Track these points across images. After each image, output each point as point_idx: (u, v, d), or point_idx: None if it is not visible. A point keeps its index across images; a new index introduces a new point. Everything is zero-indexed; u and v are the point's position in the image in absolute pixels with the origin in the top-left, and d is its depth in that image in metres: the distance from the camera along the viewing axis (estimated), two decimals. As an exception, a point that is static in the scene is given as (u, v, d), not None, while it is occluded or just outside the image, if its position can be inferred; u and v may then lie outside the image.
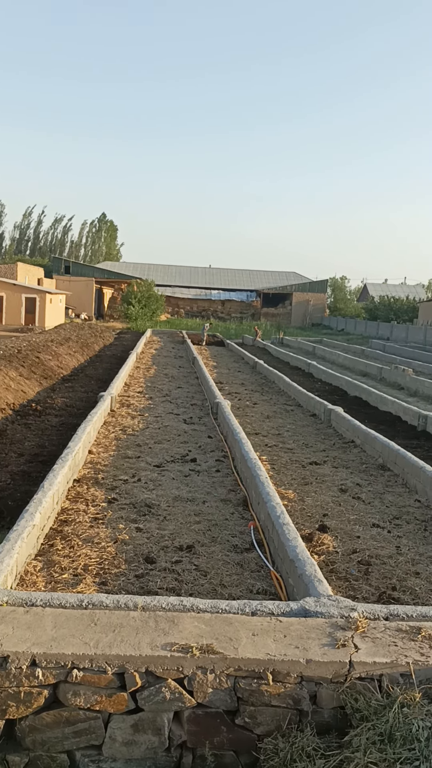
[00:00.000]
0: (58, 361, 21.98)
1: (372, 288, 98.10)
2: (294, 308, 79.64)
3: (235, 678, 3.73)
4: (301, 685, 3.74)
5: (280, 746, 3.57)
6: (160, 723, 3.72)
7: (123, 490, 8.67)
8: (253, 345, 41.54)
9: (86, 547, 6.64)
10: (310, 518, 8.09)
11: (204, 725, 3.74)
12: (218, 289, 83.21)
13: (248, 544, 7.08)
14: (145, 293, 61.24)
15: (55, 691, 3.71)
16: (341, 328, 70.98)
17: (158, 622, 4.09)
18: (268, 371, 23.60)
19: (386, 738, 3.34)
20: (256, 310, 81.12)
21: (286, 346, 43.87)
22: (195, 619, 4.18)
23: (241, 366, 27.67)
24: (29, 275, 60.29)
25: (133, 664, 3.69)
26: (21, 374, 17.49)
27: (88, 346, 29.88)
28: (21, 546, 5.82)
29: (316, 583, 5.24)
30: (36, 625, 3.94)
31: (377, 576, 6.40)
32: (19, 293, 47.26)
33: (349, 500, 8.89)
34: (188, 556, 6.62)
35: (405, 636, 4.08)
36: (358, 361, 30.63)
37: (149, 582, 5.90)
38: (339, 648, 3.86)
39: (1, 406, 13.71)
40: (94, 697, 3.67)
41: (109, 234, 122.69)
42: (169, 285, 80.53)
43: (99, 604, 4.53)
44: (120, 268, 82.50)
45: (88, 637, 3.83)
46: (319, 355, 36.40)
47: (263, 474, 8.58)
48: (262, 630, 4.06)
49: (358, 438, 12.51)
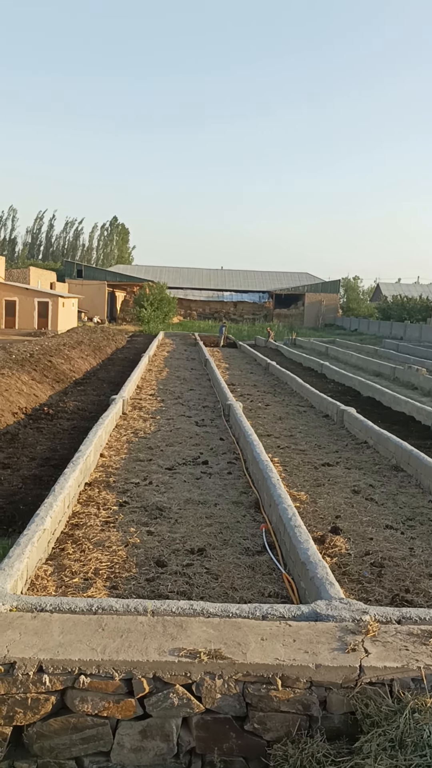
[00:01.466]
0: (71, 365, 22.03)
1: (385, 288, 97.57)
2: (307, 309, 79.40)
3: (244, 683, 3.68)
4: (311, 691, 3.69)
5: (289, 752, 3.52)
6: (169, 729, 3.68)
7: (134, 494, 8.65)
8: (265, 346, 41.47)
9: (97, 551, 6.62)
10: (323, 520, 8.03)
11: (213, 731, 3.69)
12: (230, 291, 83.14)
13: (260, 546, 7.03)
14: (157, 296, 61.28)
15: (63, 698, 3.69)
16: (354, 328, 70.67)
17: (166, 627, 4.06)
18: (280, 372, 23.53)
19: (397, 744, 3.28)
20: (269, 311, 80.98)
21: (299, 347, 43.77)
22: (203, 624, 4.13)
23: (253, 367, 27.62)
24: (42, 279, 60.57)
25: (141, 669, 3.65)
26: (33, 378, 17.53)
27: (100, 350, 29.94)
28: (31, 550, 5.81)
29: (328, 586, 5.18)
30: (43, 631, 3.92)
31: (390, 578, 6.33)
32: (32, 297, 47.46)
33: (362, 501, 8.82)
34: (199, 559, 6.58)
35: (416, 640, 4.02)
36: (371, 361, 30.48)
37: (160, 586, 5.87)
38: (349, 652, 3.81)
39: (13, 410, 13.75)
40: (102, 703, 3.64)
41: (120, 237, 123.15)
42: (181, 287, 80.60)
43: (109, 609, 4.51)
44: (132, 271, 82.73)
45: (95, 642, 3.80)
46: (332, 355, 36.26)
47: (275, 476, 8.53)
48: (271, 634, 4.01)
49: (371, 439, 12.43)
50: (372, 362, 30.07)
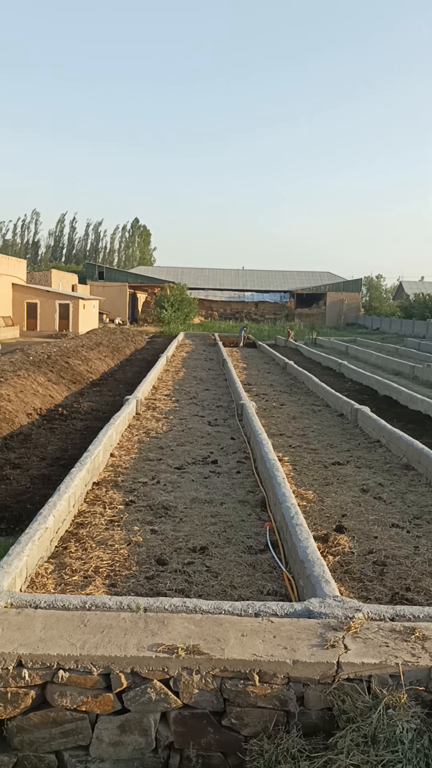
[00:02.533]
0: (88, 366, 22.18)
1: (407, 286, 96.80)
2: (328, 308, 79.11)
3: (222, 679, 3.69)
4: (288, 686, 3.69)
5: (265, 748, 3.53)
6: (147, 724, 3.71)
7: (141, 493, 8.69)
8: (285, 346, 41.37)
9: (99, 549, 6.67)
10: (329, 519, 7.99)
11: (190, 726, 3.71)
12: (251, 291, 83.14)
13: (263, 545, 7.02)
14: (177, 297, 61.48)
15: (43, 692, 3.73)
16: (376, 327, 70.24)
17: (148, 623, 4.08)
18: (297, 372, 23.46)
19: (370, 740, 3.28)
20: (290, 310, 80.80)
21: (319, 346, 43.60)
22: (185, 620, 4.15)
23: (271, 367, 27.57)
24: (63, 282, 61.10)
25: (119, 664, 3.68)
26: (49, 379, 17.69)
27: (119, 351, 30.10)
28: (32, 549, 5.87)
29: (323, 584, 5.17)
30: (26, 626, 3.97)
31: (392, 576, 6.29)
32: (53, 300, 47.91)
33: (369, 500, 8.77)
34: (201, 557, 6.59)
35: (398, 637, 3.99)
36: (390, 360, 30.26)
37: (159, 584, 5.89)
38: (328, 649, 3.80)
39: (27, 411, 13.88)
40: (81, 697, 3.68)
41: (142, 239, 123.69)
42: (202, 288, 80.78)
43: (102, 606, 4.54)
44: (153, 273, 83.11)
45: (75, 638, 3.84)
46: (352, 354, 36.06)
47: (281, 475, 8.52)
48: (252, 631, 4.02)
49: (383, 437, 12.35)
50: (392, 361, 29.86)
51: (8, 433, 11.97)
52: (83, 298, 50.08)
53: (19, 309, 47.59)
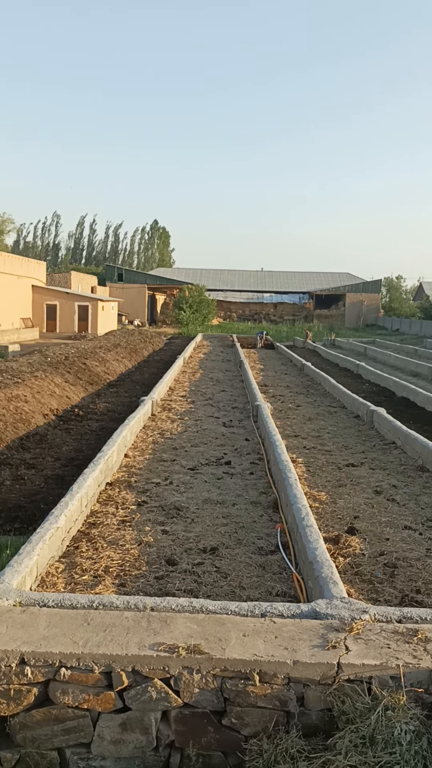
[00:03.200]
0: (105, 367, 22.29)
1: (428, 287, 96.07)
2: (347, 309, 78.78)
3: (222, 678, 3.71)
4: (289, 687, 3.69)
5: (264, 747, 3.53)
6: (148, 722, 3.73)
7: (154, 493, 8.73)
8: (303, 347, 41.28)
9: (110, 549, 6.71)
10: (341, 520, 7.97)
11: (191, 725, 3.73)
12: (270, 292, 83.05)
13: (273, 546, 7.02)
14: (196, 298, 61.58)
15: (46, 689, 3.77)
16: (396, 328, 69.83)
17: (150, 622, 4.10)
18: (314, 373, 23.40)
19: (368, 741, 3.27)
20: (309, 312, 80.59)
21: (337, 347, 43.44)
22: (188, 620, 4.17)
23: (288, 368, 27.52)
24: (82, 283, 61.46)
25: (120, 663, 3.71)
26: (66, 380, 17.81)
27: (136, 352, 30.22)
28: (42, 548, 5.91)
29: (331, 585, 5.16)
30: (30, 624, 4.01)
31: (403, 579, 6.26)
32: (72, 301, 48.23)
33: (383, 502, 8.73)
34: (211, 558, 6.60)
35: (400, 638, 3.98)
36: (409, 361, 30.05)
37: (168, 584, 5.91)
38: (329, 649, 3.79)
39: (44, 411, 13.99)
40: (82, 695, 3.71)
41: (161, 240, 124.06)
42: (221, 289, 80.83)
43: (109, 605, 4.58)
44: (172, 274, 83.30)
45: (78, 636, 3.87)
46: (370, 356, 35.88)
47: (293, 476, 8.51)
48: (253, 631, 4.02)
49: (399, 439, 12.28)
50: (410, 362, 29.65)
51: (24, 434, 12.07)
52: (102, 300, 50.36)
53: (38, 310, 47.98)
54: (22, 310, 46.47)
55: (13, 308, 44.58)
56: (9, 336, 39.94)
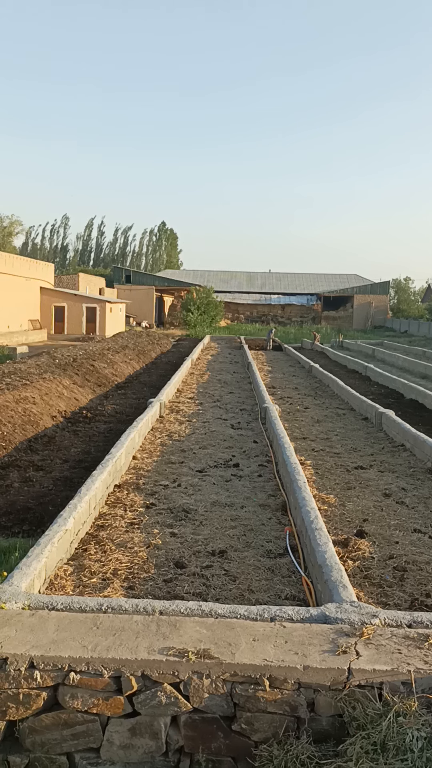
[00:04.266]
0: (113, 369, 22.30)
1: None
2: (355, 311, 78.64)
3: (232, 683, 3.68)
4: (299, 692, 3.66)
5: (274, 753, 3.50)
6: (157, 727, 3.70)
7: (162, 496, 8.71)
8: (311, 349, 41.21)
9: (119, 551, 6.69)
10: (350, 523, 7.93)
11: (200, 730, 3.70)
12: (278, 294, 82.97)
13: (282, 549, 6.99)
14: (204, 300, 61.62)
15: (55, 694, 3.75)
16: (404, 329, 69.64)
17: (160, 627, 4.08)
18: (322, 375, 23.35)
19: (379, 748, 3.23)
20: (317, 313, 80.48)
21: (346, 349, 43.36)
22: (197, 624, 4.14)
23: (296, 370, 27.48)
24: (90, 285, 61.57)
25: (129, 667, 3.69)
26: (75, 382, 17.83)
27: (144, 354, 30.23)
28: (51, 551, 5.91)
29: (341, 589, 5.13)
30: (39, 628, 3.99)
31: (412, 582, 6.22)
32: (80, 303, 48.33)
33: (392, 505, 8.68)
34: (219, 561, 6.58)
35: (411, 643, 3.94)
36: (418, 363, 29.94)
37: (176, 587, 5.89)
38: (339, 654, 3.76)
39: (52, 413, 14.01)
40: (92, 700, 3.69)
41: (169, 242, 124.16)
42: (228, 291, 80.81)
43: (118, 608, 4.56)
44: (180, 276, 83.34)
45: (87, 640, 3.85)
46: (379, 357, 35.79)
47: (302, 478, 8.48)
48: (263, 635, 4.00)
49: (407, 441, 12.22)
50: (419, 364, 29.55)
51: (33, 435, 12.09)
52: (110, 302, 50.46)
53: (46, 312, 48.11)
54: (31, 311, 46.59)
55: (21, 310, 44.71)
56: (17, 338, 40.05)
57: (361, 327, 75.83)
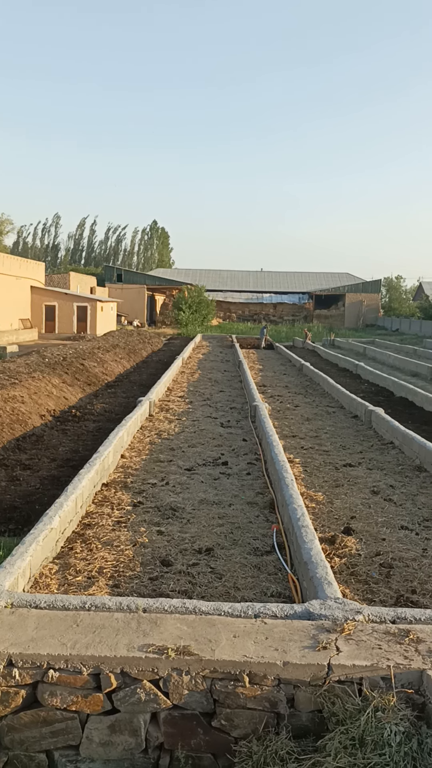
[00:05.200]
0: (103, 368, 22.25)
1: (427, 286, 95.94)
2: (347, 309, 78.77)
3: (212, 680, 3.67)
4: (279, 688, 3.66)
5: (253, 749, 3.50)
6: (137, 724, 3.69)
7: (150, 494, 8.69)
8: (302, 347, 41.24)
9: (105, 550, 6.67)
10: (337, 520, 7.94)
11: (180, 727, 3.69)
12: (270, 293, 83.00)
13: (269, 547, 6.99)
14: (195, 299, 61.51)
15: (34, 691, 3.73)
16: (396, 328, 69.80)
17: (140, 624, 4.07)
18: (313, 373, 23.37)
19: (358, 742, 3.23)
20: (309, 312, 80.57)
21: (337, 347, 43.42)
22: (178, 621, 4.13)
23: (287, 369, 27.49)
24: (82, 284, 61.41)
25: (108, 665, 3.67)
26: (64, 381, 17.77)
27: (135, 353, 30.18)
28: (36, 549, 5.88)
29: (326, 586, 5.13)
30: (18, 626, 3.97)
31: (398, 579, 6.23)
32: (71, 302, 48.19)
33: (379, 502, 8.69)
34: (206, 558, 6.57)
35: (392, 639, 3.94)
36: (408, 361, 30.01)
37: (162, 585, 5.88)
38: (319, 650, 3.76)
39: (41, 412, 13.96)
40: (71, 697, 3.68)
41: (161, 241, 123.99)
42: (220, 290, 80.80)
43: (101, 606, 4.54)
44: (171, 275, 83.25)
45: (66, 638, 3.84)
46: (370, 356, 35.85)
47: (289, 476, 8.48)
48: (244, 632, 3.99)
49: (396, 439, 12.25)
50: (410, 362, 29.61)
51: (21, 435, 12.04)
52: (101, 301, 50.33)
53: (37, 311, 47.93)
54: (21, 311, 46.41)
55: (11, 309, 44.53)
56: (8, 337, 39.89)
57: (353, 325, 75.96)
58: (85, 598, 4.63)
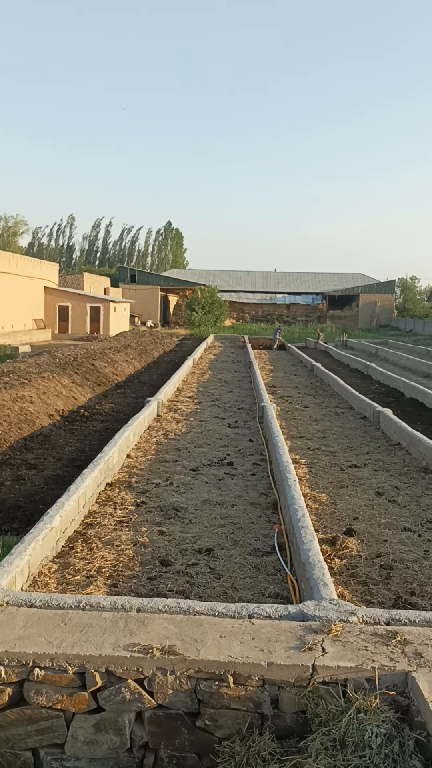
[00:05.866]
0: (114, 368, 22.32)
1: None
2: (361, 310, 78.47)
3: (196, 680, 3.67)
4: (263, 689, 3.65)
5: (236, 750, 3.50)
6: (122, 723, 3.70)
7: (153, 494, 8.71)
8: (315, 348, 41.14)
9: (105, 549, 6.69)
10: (340, 521, 7.91)
11: (165, 727, 3.70)
12: (283, 293, 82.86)
13: (270, 547, 6.98)
14: (208, 299, 61.58)
15: (21, 689, 3.75)
16: (410, 329, 69.46)
17: (128, 623, 4.08)
18: (324, 374, 23.30)
19: (338, 744, 3.22)
20: (322, 312, 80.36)
21: (349, 348, 43.27)
22: (165, 621, 4.14)
23: (298, 369, 27.44)
24: (95, 285, 61.66)
25: (93, 663, 3.69)
26: (74, 381, 17.85)
27: (146, 353, 30.24)
28: (35, 548, 5.91)
29: (321, 587, 5.12)
30: (6, 624, 4.00)
31: (398, 580, 6.20)
32: (84, 302, 48.41)
33: (383, 503, 8.66)
34: (206, 559, 6.57)
35: (379, 640, 3.92)
36: (421, 362, 29.83)
37: (160, 585, 5.89)
38: (305, 651, 3.75)
39: (49, 412, 14.03)
40: (56, 695, 3.69)
41: (175, 242, 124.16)
42: (234, 290, 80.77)
43: (96, 605, 4.56)
44: (185, 276, 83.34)
45: (53, 636, 3.86)
46: (382, 356, 35.69)
47: (292, 476, 8.47)
48: (231, 632, 3.99)
49: (404, 440, 12.18)
50: (422, 363, 29.44)
51: (29, 434, 12.10)
52: (114, 301, 50.52)
53: (51, 312, 48.21)
54: (35, 311, 46.69)
55: (25, 309, 44.81)
56: (21, 337, 40.14)
57: (367, 326, 75.66)
58: (80, 598, 4.65)
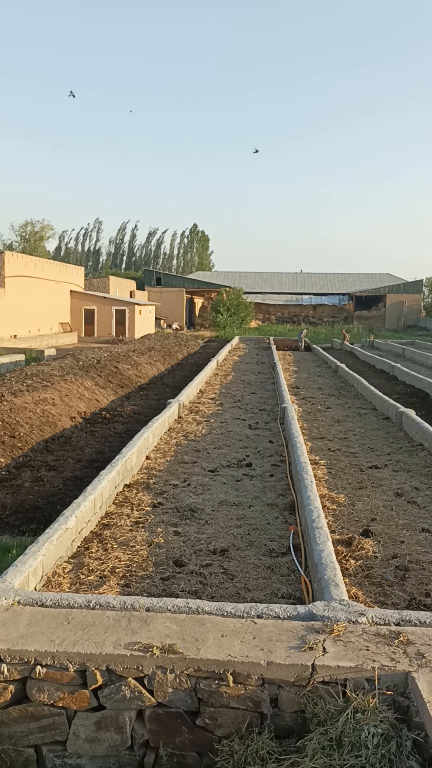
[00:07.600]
0: (137, 371, 22.43)
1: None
2: (388, 310, 77.82)
3: (196, 678, 3.68)
4: (263, 688, 3.64)
5: (235, 749, 3.50)
6: (122, 721, 3.72)
7: (170, 495, 8.73)
8: (340, 349, 40.93)
9: (120, 550, 6.72)
10: (357, 522, 7.86)
11: (165, 725, 3.70)
12: (309, 294, 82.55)
13: (285, 548, 6.95)
14: (233, 301, 61.59)
15: (24, 687, 3.79)
16: (437, 328, 68.76)
17: (130, 622, 4.09)
18: (348, 375, 23.16)
19: (335, 743, 3.20)
20: (349, 313, 79.87)
21: (376, 348, 42.95)
22: (168, 620, 4.15)
23: (322, 370, 27.30)
24: (121, 288, 62.05)
25: (94, 662, 3.71)
26: (97, 383, 17.97)
27: (170, 355, 30.34)
28: (49, 548, 5.96)
29: (332, 588, 5.09)
30: (11, 623, 4.04)
31: (413, 582, 6.13)
32: (110, 306, 48.76)
33: (402, 504, 8.57)
34: (220, 559, 6.57)
35: (381, 641, 3.89)
36: (448, 362, 29.56)
37: (173, 585, 5.90)
38: (305, 651, 3.73)
39: (71, 414, 14.14)
40: (57, 693, 3.72)
41: (200, 244, 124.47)
42: (259, 292, 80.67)
43: (106, 605, 4.58)
44: (210, 278, 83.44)
45: (56, 635, 3.89)
46: (408, 357, 35.37)
47: (309, 477, 8.43)
48: (232, 631, 3.98)
49: (426, 441, 12.05)
50: (449, 363, 29.16)
51: (50, 436, 12.22)
52: (139, 304, 50.78)
53: (77, 315, 48.64)
54: (61, 314, 47.14)
55: (52, 313, 45.26)
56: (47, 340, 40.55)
57: (394, 327, 75.01)
58: (90, 597, 4.68)
